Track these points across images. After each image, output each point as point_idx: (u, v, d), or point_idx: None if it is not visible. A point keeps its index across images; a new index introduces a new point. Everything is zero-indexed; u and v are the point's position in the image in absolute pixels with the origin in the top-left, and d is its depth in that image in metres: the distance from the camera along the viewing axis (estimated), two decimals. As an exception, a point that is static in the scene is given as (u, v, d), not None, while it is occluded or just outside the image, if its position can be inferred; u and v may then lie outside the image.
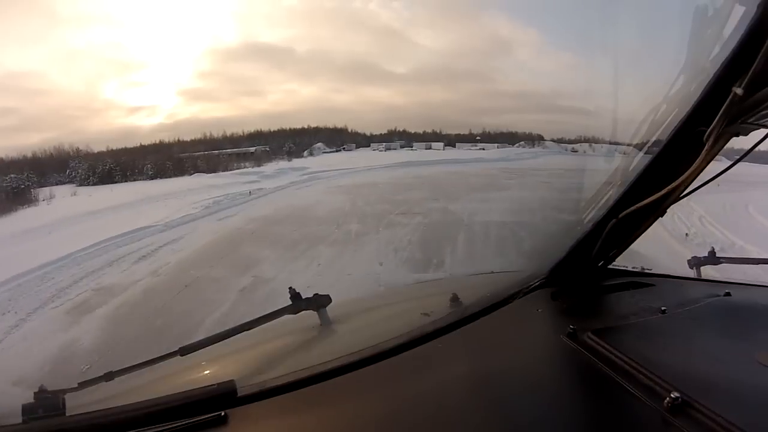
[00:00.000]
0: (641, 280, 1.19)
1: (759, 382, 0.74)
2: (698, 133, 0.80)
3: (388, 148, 27.06)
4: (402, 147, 27.32)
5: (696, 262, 1.49)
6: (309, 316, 1.14)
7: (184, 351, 1.02)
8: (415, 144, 27.70)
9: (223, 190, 15.47)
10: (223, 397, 0.76)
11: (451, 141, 27.99)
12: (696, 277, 1.44)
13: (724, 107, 0.74)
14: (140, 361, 1.04)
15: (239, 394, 0.77)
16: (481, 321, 1.00)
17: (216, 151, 23.85)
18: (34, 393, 0.80)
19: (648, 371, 0.74)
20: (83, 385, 0.96)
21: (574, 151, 26.03)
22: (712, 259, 1.49)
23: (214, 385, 0.77)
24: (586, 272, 1.15)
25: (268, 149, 24.75)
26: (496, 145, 27.47)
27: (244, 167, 21.89)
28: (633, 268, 1.27)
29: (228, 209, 13.09)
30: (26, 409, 0.76)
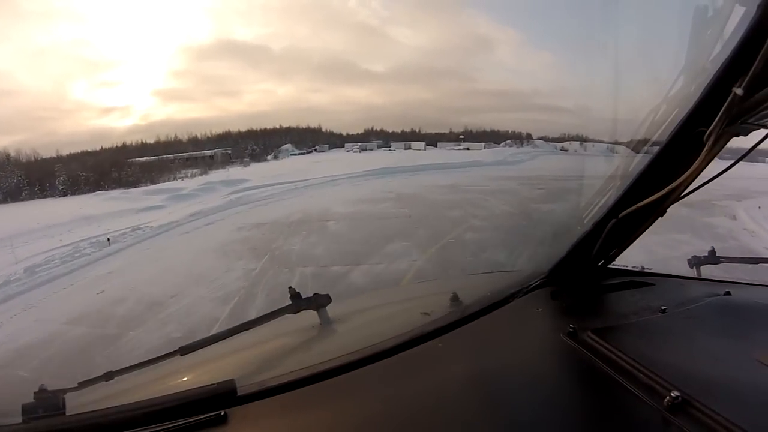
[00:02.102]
0: (641, 279, 1.19)
1: (759, 381, 0.74)
2: (698, 133, 0.80)
3: (363, 149, 25.36)
4: (379, 147, 25.54)
5: (696, 262, 1.49)
6: (309, 316, 1.14)
7: (184, 351, 1.02)
8: (393, 144, 25.93)
9: (88, 227, 12.01)
10: (223, 397, 0.76)
11: (431, 140, 26.59)
12: (696, 276, 1.44)
13: (724, 107, 0.74)
14: (140, 361, 1.04)
15: (239, 394, 0.77)
16: (481, 320, 1.00)
17: (172, 155, 21.97)
18: (34, 393, 0.80)
19: (648, 370, 0.74)
20: (83, 384, 0.96)
21: (563, 149, 25.36)
22: (712, 258, 1.49)
23: (214, 384, 0.77)
24: (586, 272, 1.15)
25: (229, 152, 23.17)
26: (482, 144, 26.02)
27: (177, 178, 19.17)
28: (633, 267, 1.27)
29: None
30: (26, 409, 0.76)
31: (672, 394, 0.68)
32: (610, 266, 1.18)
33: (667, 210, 0.97)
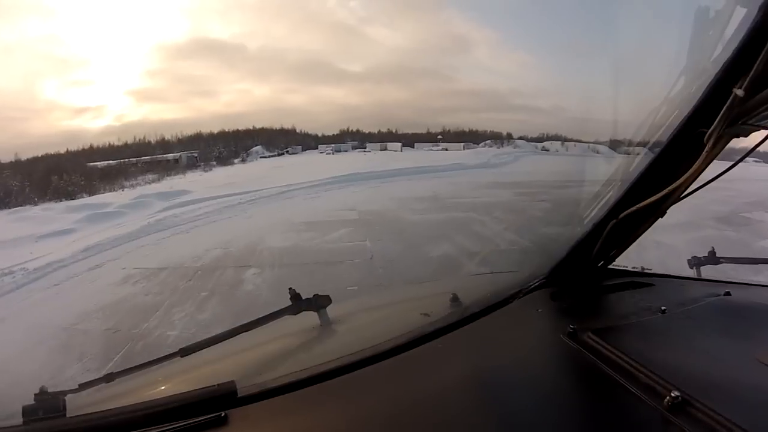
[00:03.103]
0: (641, 280, 1.20)
1: (759, 381, 0.74)
2: (699, 134, 0.80)
3: (337, 150, 23.89)
4: (354, 148, 24.24)
5: (696, 262, 1.49)
6: (309, 317, 1.14)
7: (185, 352, 1.02)
8: (369, 144, 24.59)
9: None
10: (223, 398, 0.76)
11: (408, 141, 25.29)
12: (696, 276, 1.45)
13: (724, 108, 0.74)
14: (140, 363, 1.04)
15: (239, 395, 0.77)
16: (481, 321, 1.00)
17: (135, 159, 20.54)
18: (35, 394, 0.80)
19: (648, 371, 0.74)
20: (84, 386, 0.96)
21: (544, 149, 24.59)
22: (712, 258, 1.50)
23: (214, 385, 0.77)
24: (586, 272, 1.15)
25: (196, 155, 21.69)
26: (461, 145, 24.46)
27: (118, 188, 17.22)
28: (633, 268, 1.27)
29: None
30: (27, 411, 0.76)
31: (672, 394, 0.68)
32: (610, 267, 1.18)
33: (667, 211, 0.97)
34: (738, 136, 0.79)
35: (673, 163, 0.88)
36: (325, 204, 12.80)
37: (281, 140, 24.75)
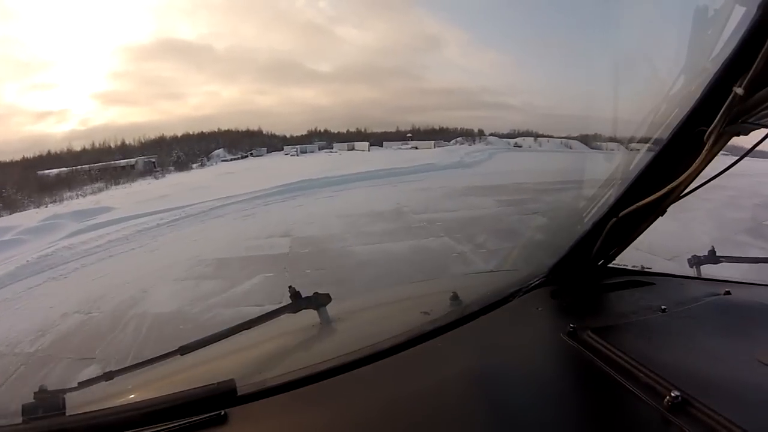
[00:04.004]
0: (641, 278, 1.19)
1: (759, 380, 0.74)
2: (699, 132, 0.80)
3: (303, 151, 22.81)
4: (321, 149, 23.35)
5: (696, 261, 1.49)
6: (309, 315, 1.14)
7: (184, 350, 1.02)
8: (336, 145, 23.62)
9: None
10: (223, 396, 0.76)
11: (377, 140, 24.25)
12: (696, 275, 1.45)
13: (724, 107, 0.74)
14: (140, 361, 1.04)
15: (239, 393, 0.77)
16: (481, 320, 1.00)
17: (87, 166, 19.07)
18: (34, 393, 0.80)
19: (648, 370, 0.74)
20: (83, 384, 0.97)
21: (517, 146, 23.55)
22: (712, 257, 1.49)
23: (214, 384, 0.77)
24: (586, 271, 1.15)
25: (153, 161, 20.29)
26: (432, 143, 23.33)
27: (48, 202, 15.39)
28: (633, 266, 1.27)
29: None
30: (26, 409, 0.76)
31: (672, 394, 0.68)
32: (610, 265, 1.18)
33: (667, 210, 0.97)
34: (738, 135, 0.78)
35: (673, 162, 0.88)
36: (256, 225, 10.26)
37: (246, 142, 23.79)
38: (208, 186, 15.58)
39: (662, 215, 0.98)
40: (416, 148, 22.88)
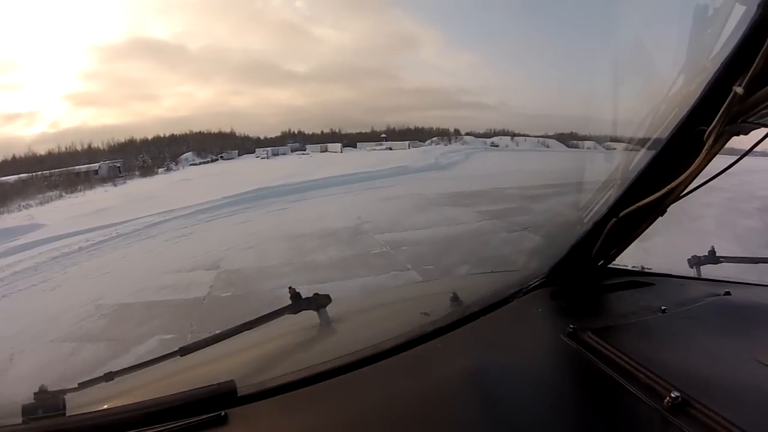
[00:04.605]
0: (641, 279, 1.19)
1: (759, 381, 0.74)
2: (699, 132, 0.80)
3: (275, 154, 22.11)
4: (294, 150, 22.76)
5: (696, 262, 1.49)
6: (309, 316, 1.14)
7: (184, 351, 1.02)
8: (310, 146, 23.02)
9: None
10: (223, 397, 0.76)
11: (352, 141, 23.69)
12: (696, 276, 1.44)
13: (724, 106, 0.74)
14: (140, 362, 1.04)
15: (239, 394, 0.77)
16: (481, 320, 1.00)
17: (48, 171, 17.74)
18: (34, 393, 0.80)
19: (648, 370, 0.74)
20: (83, 385, 0.96)
21: (494, 145, 23.04)
22: (712, 258, 1.49)
23: (214, 384, 0.77)
24: (586, 271, 1.15)
25: (118, 165, 19.01)
26: (406, 143, 22.69)
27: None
28: (633, 267, 1.27)
29: None
30: (26, 410, 0.76)
31: (672, 395, 0.67)
32: (610, 266, 1.18)
33: (667, 209, 0.97)
34: (738, 134, 0.78)
35: (673, 162, 0.88)
36: (185, 251, 8.63)
37: (218, 144, 22.75)
38: (157, 196, 13.54)
39: (662, 215, 0.98)
40: (390, 149, 22.28)
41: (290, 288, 1.15)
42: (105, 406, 0.76)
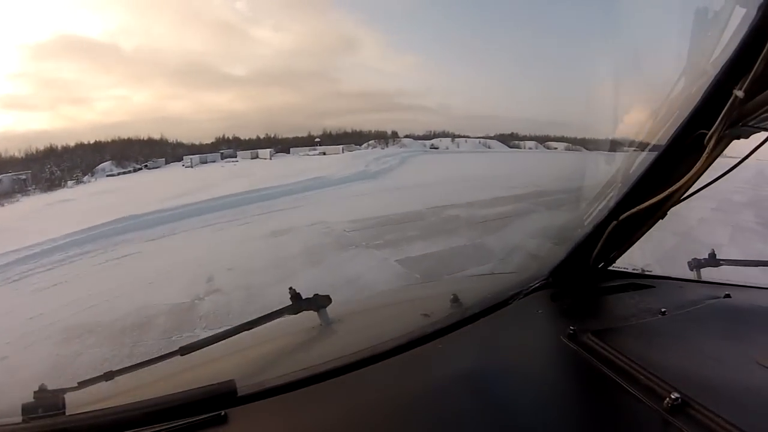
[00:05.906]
0: (641, 281, 1.20)
1: (758, 383, 0.74)
2: (699, 135, 0.80)
3: (203, 161, 20.64)
4: (225, 157, 21.43)
5: (696, 264, 1.49)
6: (309, 316, 1.14)
7: (184, 350, 1.02)
8: (242, 153, 21.79)
9: None
10: (223, 397, 0.76)
11: (287, 146, 22.64)
12: (696, 278, 1.44)
13: (725, 110, 0.74)
14: (140, 361, 1.04)
15: (239, 394, 0.77)
16: (482, 322, 1.00)
17: None
18: (34, 392, 0.80)
19: (648, 372, 0.74)
20: (83, 384, 0.96)
21: (433, 147, 22.37)
22: (712, 261, 1.49)
23: (214, 384, 0.77)
24: (586, 274, 1.15)
25: (24, 178, 16.01)
26: (340, 147, 21.69)
27: None
28: (633, 269, 1.27)
29: None
30: (26, 409, 0.76)
31: (672, 396, 0.68)
32: (610, 268, 1.18)
33: (667, 213, 0.97)
34: (738, 138, 0.79)
35: (673, 165, 0.88)
36: None
37: (145, 152, 20.59)
38: (18, 227, 10.20)
39: (663, 218, 0.98)
40: (324, 153, 21.21)
41: (290, 288, 1.16)
42: (105, 406, 0.76)
